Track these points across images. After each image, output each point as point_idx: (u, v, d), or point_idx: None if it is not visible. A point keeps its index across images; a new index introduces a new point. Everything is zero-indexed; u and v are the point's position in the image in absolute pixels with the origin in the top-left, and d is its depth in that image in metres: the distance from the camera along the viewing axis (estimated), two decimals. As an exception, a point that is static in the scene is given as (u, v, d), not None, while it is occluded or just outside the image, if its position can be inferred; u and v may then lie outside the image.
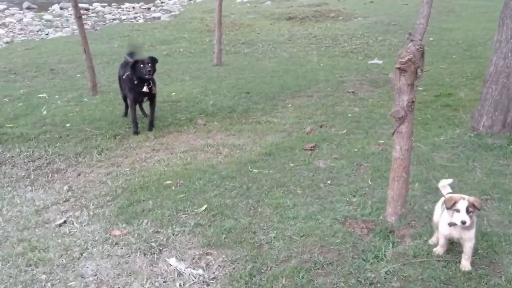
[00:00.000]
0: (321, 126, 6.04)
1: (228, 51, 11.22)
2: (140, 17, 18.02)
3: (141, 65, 5.79)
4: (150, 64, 5.81)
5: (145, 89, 5.89)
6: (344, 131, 5.84)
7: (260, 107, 6.95)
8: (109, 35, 13.62)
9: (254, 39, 12.64)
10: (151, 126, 6.12)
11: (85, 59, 7.78)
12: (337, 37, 12.43)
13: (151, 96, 6.08)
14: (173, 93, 7.71)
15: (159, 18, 17.73)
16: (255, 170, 4.79)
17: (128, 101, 6.19)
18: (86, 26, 12.22)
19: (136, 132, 5.96)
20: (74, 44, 11.93)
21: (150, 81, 5.91)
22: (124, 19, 17.50)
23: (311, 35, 12.92)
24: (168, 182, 4.60)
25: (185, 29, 14.39)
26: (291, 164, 4.90)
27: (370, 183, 4.42)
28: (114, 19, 17.43)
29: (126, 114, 6.64)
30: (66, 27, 15.67)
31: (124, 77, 6.07)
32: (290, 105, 7.05)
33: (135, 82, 5.88)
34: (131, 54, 6.67)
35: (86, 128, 6.15)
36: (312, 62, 10.01)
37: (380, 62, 9.76)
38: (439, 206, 3.41)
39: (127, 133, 6.00)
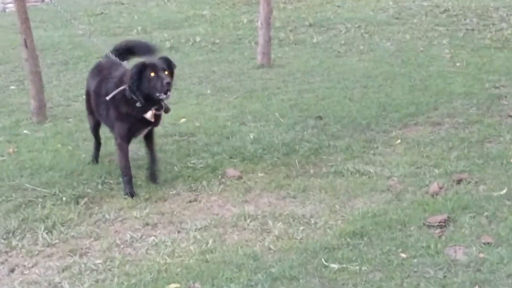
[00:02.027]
0: (458, 182, 6.02)
1: (282, 40, 11.40)
2: (123, -21, 18.68)
3: (152, 74, 5.82)
4: (167, 73, 5.86)
5: (149, 115, 5.96)
6: (504, 190, 5.78)
7: (342, 144, 7.01)
8: (69, 12, 14.09)
9: (330, 17, 12.80)
10: (154, 176, 6.32)
11: (26, 58, 8.09)
12: (488, 12, 12.40)
13: (154, 126, 6.27)
14: (183, 119, 7.91)
15: (157, -19, 18.29)
16: (334, 266, 4.77)
17: (117, 138, 6.21)
18: (28, -1, 12.78)
19: (132, 193, 6.09)
20: (6, 31, 12.44)
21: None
22: (95, -16, 18.16)
23: (437, 8, 12.97)
24: (173, 286, 4.64)
25: (205, 0, 14.76)
26: (403, 255, 4.86)
27: (556, 293, 4.32)
28: (77, -16, 18.11)
29: (96, 159, 6.83)
30: (-8, 0, 16.41)
31: (111, 94, 6.01)
32: (398, 140, 7.07)
33: (137, 105, 5.93)
34: (123, 52, 6.61)
35: (26, 184, 6.32)
36: (441, 59, 10.00)
37: None
38: None
39: (100, 193, 6.14)
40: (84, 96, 6.99)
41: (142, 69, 5.82)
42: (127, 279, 4.77)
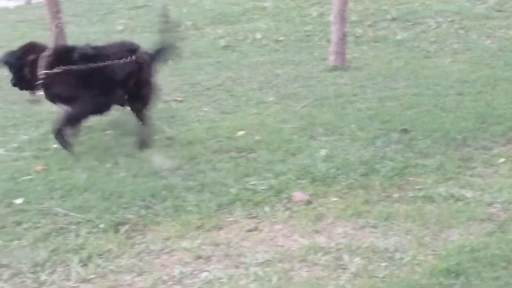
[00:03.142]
0: None
1: (359, 37, 11.40)
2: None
3: None
4: None
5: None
6: None
7: (432, 163, 6.97)
8: (105, 4, 14.29)
9: (417, 9, 12.79)
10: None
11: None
12: None
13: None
14: (241, 132, 7.95)
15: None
16: (426, 312, 4.74)
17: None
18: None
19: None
20: (32, 26, 12.63)
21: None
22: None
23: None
24: (230, 332, 4.66)
25: (266, -11, 14.82)
26: (512, 301, 4.79)
27: None
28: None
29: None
30: (15, -10, 16.70)
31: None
32: (502, 159, 7.01)
33: None
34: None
35: (57, 208, 6.38)
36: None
37: None
38: None
39: (143, 219, 6.17)
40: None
41: None
42: (177, 326, 4.81)
